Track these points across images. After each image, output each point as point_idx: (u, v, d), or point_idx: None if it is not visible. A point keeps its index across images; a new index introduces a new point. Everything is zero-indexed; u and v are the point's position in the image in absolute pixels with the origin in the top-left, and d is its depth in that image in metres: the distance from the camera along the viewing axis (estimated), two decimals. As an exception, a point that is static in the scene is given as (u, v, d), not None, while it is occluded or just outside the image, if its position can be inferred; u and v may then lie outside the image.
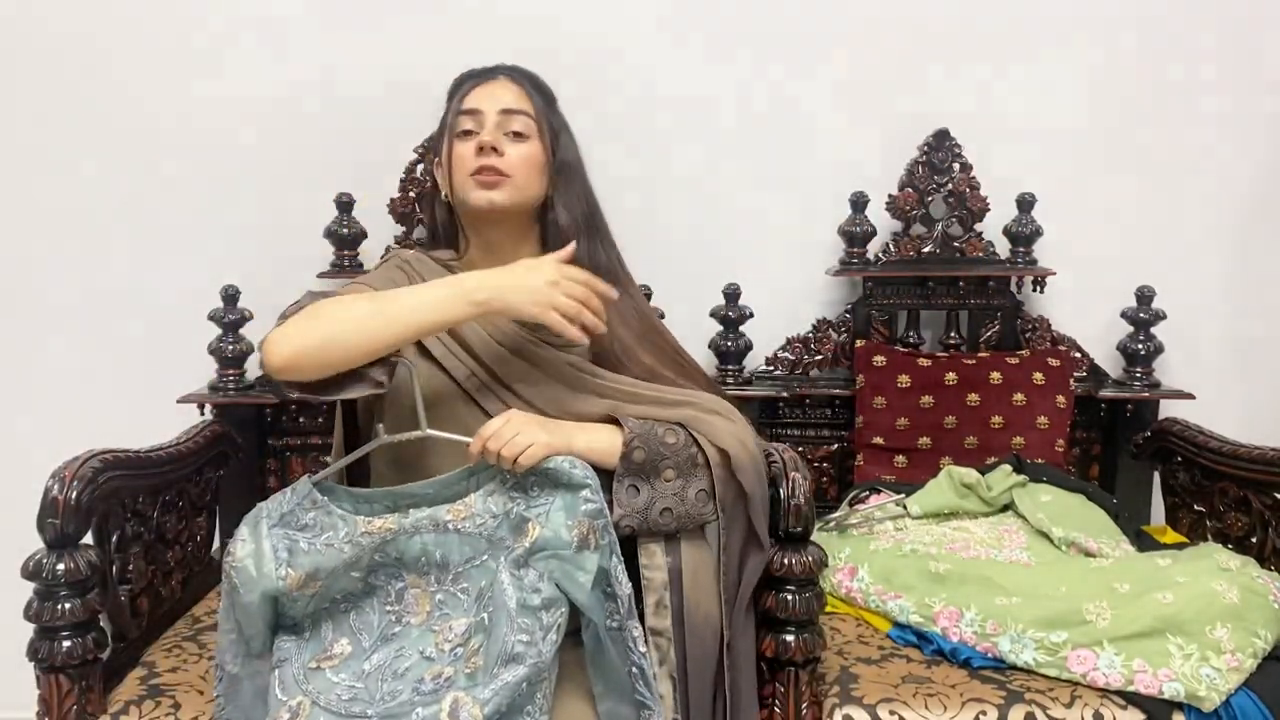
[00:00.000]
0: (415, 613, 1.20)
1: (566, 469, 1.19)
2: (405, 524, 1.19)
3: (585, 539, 1.16)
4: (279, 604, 1.20)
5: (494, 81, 1.37)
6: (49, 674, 1.27)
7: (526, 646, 1.12)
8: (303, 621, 1.21)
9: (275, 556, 1.16)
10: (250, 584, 1.17)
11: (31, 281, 2.06)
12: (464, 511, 1.19)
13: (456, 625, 1.18)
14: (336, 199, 1.94)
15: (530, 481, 1.19)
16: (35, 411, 2.07)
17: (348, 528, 1.18)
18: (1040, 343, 2.03)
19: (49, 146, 2.04)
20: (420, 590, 1.21)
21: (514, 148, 1.33)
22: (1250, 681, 1.32)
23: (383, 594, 1.21)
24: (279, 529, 1.18)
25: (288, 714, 1.13)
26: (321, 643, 1.20)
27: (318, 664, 1.18)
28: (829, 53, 2.06)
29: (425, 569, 1.20)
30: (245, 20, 2.02)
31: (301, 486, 1.21)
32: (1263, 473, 1.64)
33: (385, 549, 1.19)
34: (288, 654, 1.19)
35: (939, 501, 1.77)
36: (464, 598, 1.19)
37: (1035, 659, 1.38)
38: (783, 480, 1.31)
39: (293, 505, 1.19)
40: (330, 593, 1.20)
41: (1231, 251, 2.13)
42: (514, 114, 1.33)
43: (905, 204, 2.01)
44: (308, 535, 1.18)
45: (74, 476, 1.28)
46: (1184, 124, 2.09)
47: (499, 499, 1.19)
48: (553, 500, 1.18)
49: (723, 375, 1.98)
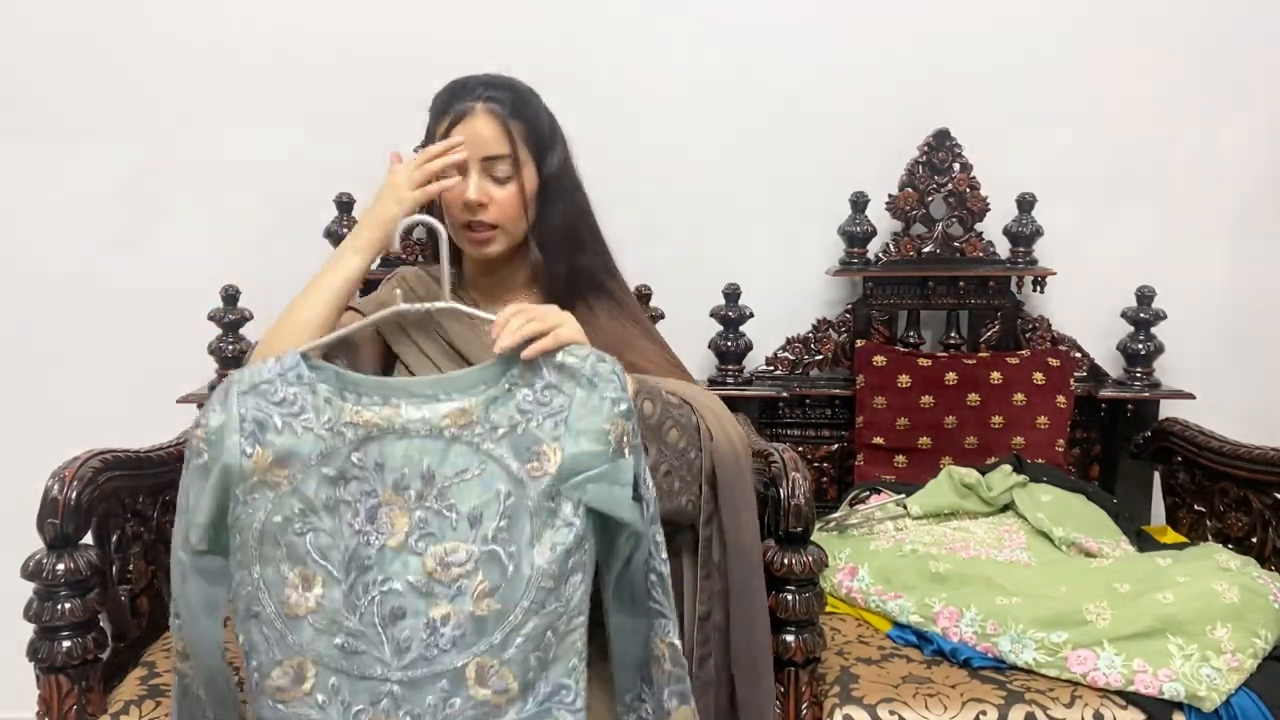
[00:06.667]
0: (390, 534, 1.04)
1: (594, 361, 1.06)
2: (396, 422, 1.03)
3: (620, 444, 1.04)
4: (230, 502, 1.03)
5: (474, 118, 1.32)
6: (49, 674, 1.27)
7: (549, 594, 1.02)
8: (247, 546, 1.03)
9: (241, 428, 1.01)
10: (213, 459, 1.02)
11: (31, 281, 2.06)
12: (464, 419, 1.04)
13: (451, 552, 1.03)
14: (336, 199, 1.94)
15: (541, 385, 1.05)
16: (35, 411, 2.07)
17: (331, 413, 1.03)
18: (1040, 343, 2.03)
19: (49, 147, 2.04)
20: (396, 509, 1.04)
21: (497, 193, 1.32)
22: (1250, 681, 1.32)
23: (348, 511, 1.04)
24: (251, 397, 1.03)
25: (288, 678, 1.02)
26: (280, 578, 1.03)
27: (291, 611, 1.03)
28: (829, 52, 2.06)
29: (405, 483, 1.04)
30: (245, 20, 2.02)
31: (288, 357, 1.05)
32: (1263, 473, 1.64)
33: (366, 449, 1.04)
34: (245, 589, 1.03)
35: (939, 501, 1.77)
36: (450, 516, 1.04)
37: (1035, 659, 1.38)
38: (783, 480, 1.31)
39: (272, 375, 1.04)
40: (289, 504, 1.02)
41: (1231, 251, 2.13)
42: (495, 160, 1.32)
43: (905, 204, 2.01)
44: (283, 411, 1.03)
45: (74, 476, 1.28)
46: (1184, 124, 2.09)
47: (506, 409, 1.05)
48: (570, 403, 1.04)
49: (723, 375, 1.98)
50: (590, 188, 1.43)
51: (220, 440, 1.02)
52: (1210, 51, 2.06)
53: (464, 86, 1.35)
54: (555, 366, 1.06)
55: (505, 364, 1.07)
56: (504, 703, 1.02)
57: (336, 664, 1.02)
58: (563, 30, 2.03)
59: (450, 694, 1.02)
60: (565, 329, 1.09)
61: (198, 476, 1.03)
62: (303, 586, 1.02)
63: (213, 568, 1.04)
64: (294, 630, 1.02)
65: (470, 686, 1.02)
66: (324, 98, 2.03)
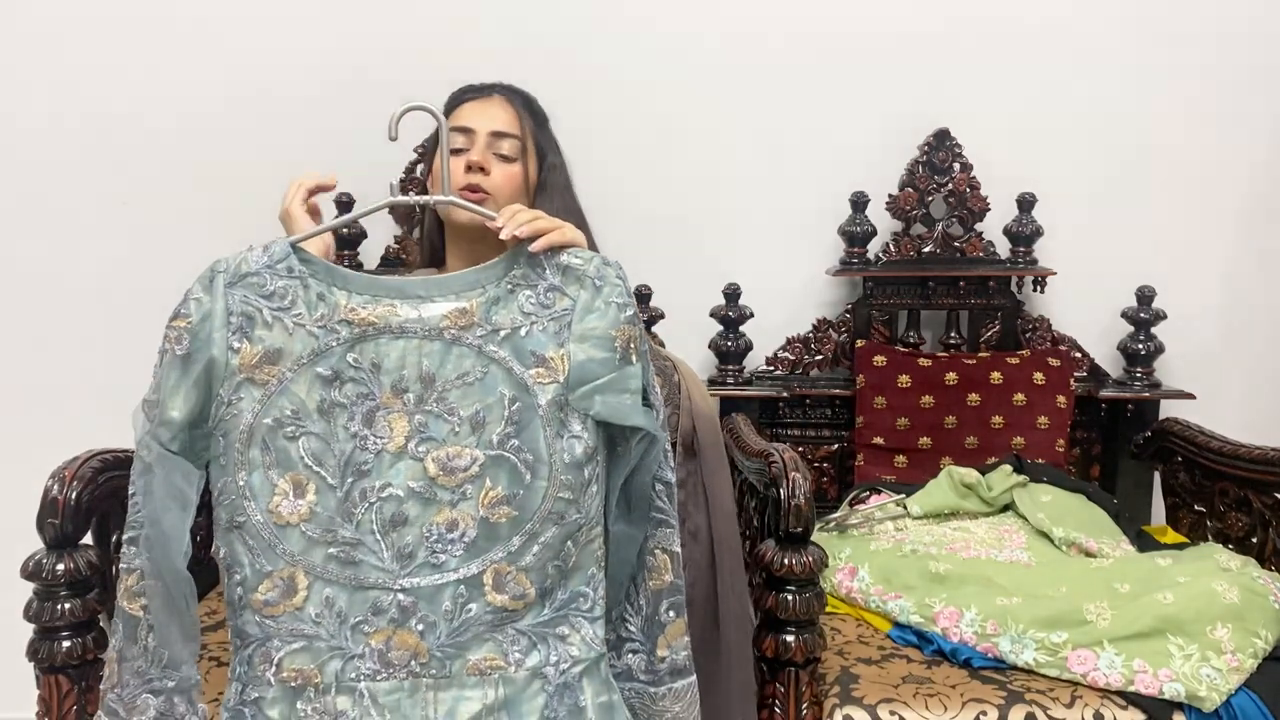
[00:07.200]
0: (389, 437, 0.98)
1: (598, 264, 1.02)
2: (393, 321, 0.98)
3: (627, 351, 1.00)
4: (213, 401, 0.97)
5: (489, 100, 1.39)
6: (49, 674, 1.27)
7: (568, 505, 0.98)
8: (231, 449, 0.97)
9: (228, 322, 0.97)
10: (196, 350, 0.96)
11: (32, 281, 2.06)
12: (464, 319, 0.99)
13: (455, 457, 0.99)
14: (336, 199, 1.94)
15: (545, 287, 1.01)
16: (35, 411, 2.07)
17: (325, 308, 0.98)
18: (1040, 343, 2.03)
19: (48, 148, 2.04)
20: (394, 412, 0.99)
21: (500, 168, 1.36)
22: (1250, 681, 1.32)
23: (343, 415, 0.98)
24: (238, 289, 0.98)
25: (277, 591, 0.96)
26: (269, 484, 0.97)
27: (280, 519, 0.97)
28: (830, 52, 2.06)
29: (403, 385, 0.99)
30: (246, 19, 2.02)
31: (278, 247, 0.99)
32: (1263, 473, 1.64)
33: (362, 349, 0.99)
34: (229, 497, 0.97)
35: (939, 501, 1.77)
36: (452, 420, 0.99)
37: (1035, 659, 1.38)
38: (783, 480, 1.31)
39: (260, 266, 0.98)
40: (279, 404, 0.97)
41: (1231, 251, 2.13)
42: (504, 136, 1.36)
43: (905, 204, 2.01)
44: (273, 305, 0.97)
45: (74, 476, 1.27)
46: (1184, 124, 2.09)
47: (508, 310, 1.00)
48: (574, 307, 1.01)
49: (723, 375, 1.99)
50: (590, 188, 1.44)
51: (205, 332, 0.96)
52: (1211, 51, 2.06)
53: (481, 84, 1.40)
54: (559, 268, 1.02)
55: (505, 265, 1.02)
56: (521, 608, 1.00)
57: (332, 574, 0.97)
58: (563, 31, 2.03)
59: (467, 600, 0.99)
60: (570, 230, 1.06)
61: (176, 368, 0.96)
62: (294, 493, 0.97)
63: (184, 466, 0.98)
64: (283, 539, 0.96)
65: (488, 592, 0.99)
66: (325, 100, 2.03)
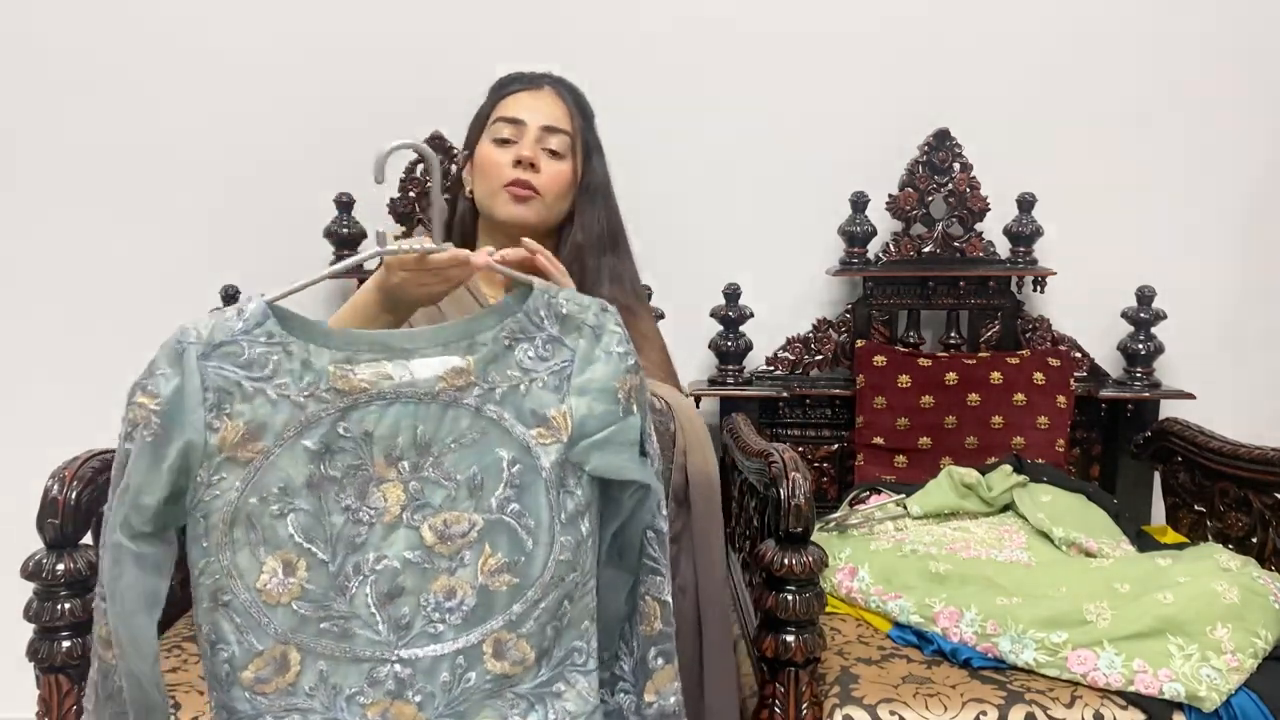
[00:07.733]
0: (383, 508, 0.94)
1: (596, 310, 0.98)
2: (385, 386, 0.92)
3: (629, 402, 0.97)
4: (189, 484, 0.90)
5: (540, 92, 1.36)
6: (49, 674, 1.27)
7: (569, 568, 0.96)
8: (214, 531, 0.90)
9: (203, 398, 0.88)
10: (169, 434, 0.87)
11: (31, 281, 2.06)
12: (460, 379, 0.94)
13: (452, 523, 0.95)
14: (336, 199, 1.94)
15: (544, 338, 0.97)
16: (35, 411, 2.07)
17: (312, 375, 0.90)
18: (1040, 343, 2.03)
19: (48, 148, 2.04)
20: (389, 481, 0.93)
21: (549, 165, 1.34)
22: (1251, 682, 1.32)
23: (334, 488, 0.92)
24: (212, 360, 0.89)
25: (269, 669, 0.92)
26: (256, 564, 0.91)
27: (270, 599, 0.92)
28: (830, 52, 2.06)
29: (397, 453, 0.93)
30: (247, 20, 2.02)
31: (253, 308, 0.90)
32: (1263, 473, 1.64)
33: (351, 418, 0.92)
34: (211, 577, 0.91)
35: (939, 501, 1.77)
36: (448, 485, 0.95)
37: (1035, 659, 1.38)
38: (783, 480, 1.31)
39: (236, 334, 0.90)
40: (265, 483, 0.91)
41: (1231, 251, 2.13)
42: (554, 132, 1.33)
43: (905, 204, 2.01)
44: (253, 375, 0.90)
45: (74, 476, 1.27)
46: (1185, 124, 2.09)
47: (505, 366, 0.96)
48: (573, 357, 0.97)
49: (723, 375, 1.99)
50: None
51: (177, 414, 0.88)
52: (1211, 51, 2.07)
53: (530, 73, 1.37)
54: (557, 317, 0.97)
55: (498, 316, 0.97)
56: (520, 672, 0.99)
57: (325, 649, 0.94)
58: (562, 31, 2.03)
59: (466, 669, 0.97)
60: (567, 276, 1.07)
61: (146, 455, 0.88)
62: (283, 571, 0.92)
63: (157, 557, 0.91)
64: (273, 618, 0.92)
65: (487, 660, 0.97)
66: (325, 101, 2.03)
